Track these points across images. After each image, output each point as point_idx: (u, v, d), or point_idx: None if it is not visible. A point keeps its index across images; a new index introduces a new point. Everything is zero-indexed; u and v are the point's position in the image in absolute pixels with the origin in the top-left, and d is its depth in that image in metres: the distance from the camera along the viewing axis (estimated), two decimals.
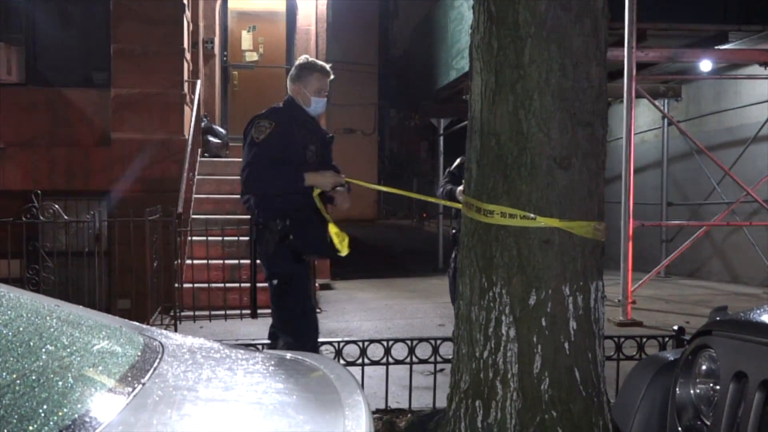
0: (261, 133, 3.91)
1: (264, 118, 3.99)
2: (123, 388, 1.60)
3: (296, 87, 4.15)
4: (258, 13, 11.21)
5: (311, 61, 4.24)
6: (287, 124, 3.99)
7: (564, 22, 3.26)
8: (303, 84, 4.13)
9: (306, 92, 4.14)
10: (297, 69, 4.19)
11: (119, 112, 9.06)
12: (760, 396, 1.87)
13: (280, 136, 3.92)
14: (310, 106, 4.15)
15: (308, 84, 4.13)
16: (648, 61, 8.40)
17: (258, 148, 3.90)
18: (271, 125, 3.91)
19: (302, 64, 4.21)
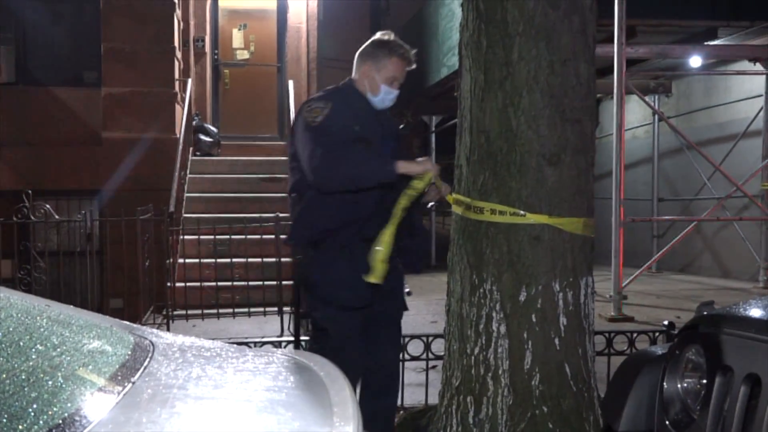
0: (317, 115, 3.17)
1: (317, 99, 3.31)
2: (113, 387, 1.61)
3: (366, 68, 3.37)
4: (249, 11, 11.19)
5: (393, 41, 3.40)
6: (342, 110, 3.25)
7: (552, 20, 3.28)
8: (376, 66, 3.35)
9: (377, 77, 3.35)
10: (373, 46, 3.40)
11: (110, 111, 9.05)
12: (745, 389, 1.89)
13: (337, 121, 3.19)
14: (377, 95, 3.37)
15: (383, 68, 3.35)
16: (638, 57, 8.44)
17: (317, 132, 3.13)
18: (327, 105, 3.18)
19: (380, 41, 3.40)
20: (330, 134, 3.09)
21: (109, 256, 7.17)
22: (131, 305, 7.27)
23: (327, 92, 3.39)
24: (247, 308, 7.42)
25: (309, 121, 3.17)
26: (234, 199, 9.11)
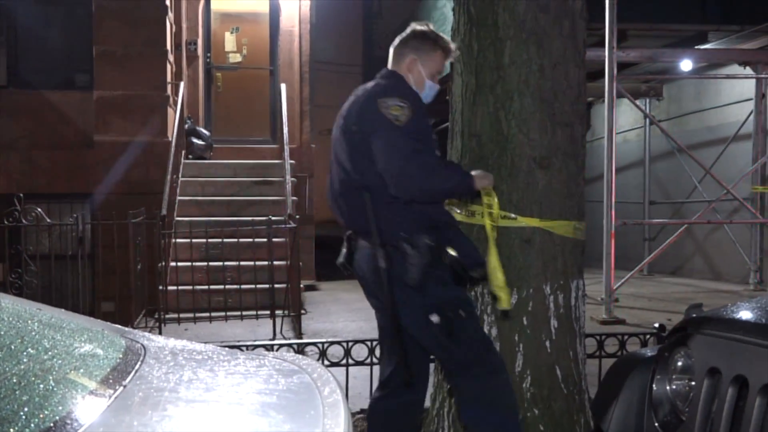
0: (399, 114, 2.81)
1: (391, 95, 2.87)
2: (104, 390, 1.62)
3: (410, 61, 3.05)
4: (241, 14, 11.19)
5: (436, 34, 3.10)
6: (418, 107, 2.90)
7: (543, 24, 3.30)
8: (421, 59, 3.05)
9: (422, 71, 3.05)
10: (417, 39, 3.08)
11: (102, 115, 9.03)
12: (733, 391, 1.91)
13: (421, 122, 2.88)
14: (422, 90, 3.05)
15: (428, 61, 3.06)
16: (629, 61, 8.49)
17: (407, 135, 2.79)
18: (405, 103, 2.84)
19: (424, 32, 3.09)
20: (420, 139, 2.83)
21: (101, 260, 7.15)
22: (123, 309, 7.24)
23: (392, 85, 2.99)
24: (239, 311, 7.41)
25: (392, 119, 2.81)
26: (226, 202, 9.10)
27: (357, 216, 2.88)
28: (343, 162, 2.93)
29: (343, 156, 2.92)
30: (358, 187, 2.85)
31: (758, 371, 1.85)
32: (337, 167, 2.97)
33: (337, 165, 2.97)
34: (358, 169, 2.86)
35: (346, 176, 2.91)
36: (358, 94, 3.03)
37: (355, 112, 2.93)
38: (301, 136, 10.65)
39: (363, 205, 2.83)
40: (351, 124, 2.91)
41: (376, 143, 2.81)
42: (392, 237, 2.79)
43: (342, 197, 2.96)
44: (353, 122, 2.90)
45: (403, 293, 2.78)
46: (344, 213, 2.98)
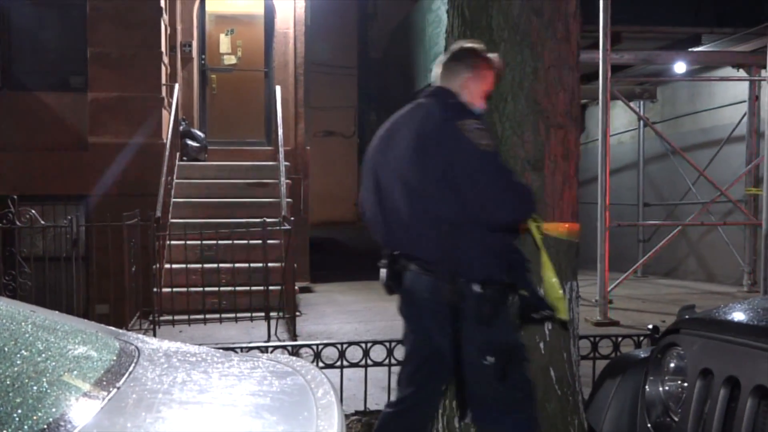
0: (485, 138, 2.72)
1: (467, 117, 2.79)
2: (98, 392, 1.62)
3: (466, 79, 2.91)
4: (236, 16, 11.19)
5: (488, 54, 3.01)
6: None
7: (536, 27, 3.31)
8: (478, 79, 2.93)
9: (478, 90, 2.93)
10: (473, 56, 2.95)
11: (96, 116, 9.02)
12: (725, 392, 1.92)
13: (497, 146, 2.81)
14: (474, 109, 2.92)
15: (482, 79, 2.94)
16: (623, 63, 8.52)
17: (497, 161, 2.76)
18: (483, 126, 2.78)
19: (480, 51, 2.98)
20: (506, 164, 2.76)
21: (96, 262, 7.15)
22: (117, 311, 7.23)
23: (460, 106, 2.86)
24: (233, 314, 7.40)
25: (482, 145, 2.68)
26: (221, 204, 9.09)
27: (426, 244, 2.74)
28: (415, 185, 2.76)
29: (417, 179, 2.75)
30: (435, 216, 2.70)
31: (750, 372, 1.86)
32: (403, 188, 2.80)
33: (403, 185, 2.80)
34: (438, 197, 2.71)
35: (419, 202, 2.75)
36: (421, 114, 2.86)
37: (434, 135, 2.74)
38: (296, 138, 10.64)
39: (437, 234, 2.68)
40: (430, 146, 2.73)
41: (467, 171, 2.67)
42: (469, 272, 2.66)
43: (411, 222, 2.78)
44: (432, 145, 2.73)
45: (468, 329, 2.68)
46: (405, 238, 2.82)
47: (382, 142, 2.98)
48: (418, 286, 2.80)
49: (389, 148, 2.92)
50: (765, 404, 1.80)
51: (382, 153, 2.95)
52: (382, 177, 2.91)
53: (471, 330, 2.67)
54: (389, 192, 2.86)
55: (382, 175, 2.91)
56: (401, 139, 2.86)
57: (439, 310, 2.72)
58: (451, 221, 2.68)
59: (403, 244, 2.84)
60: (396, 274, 2.89)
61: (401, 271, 2.86)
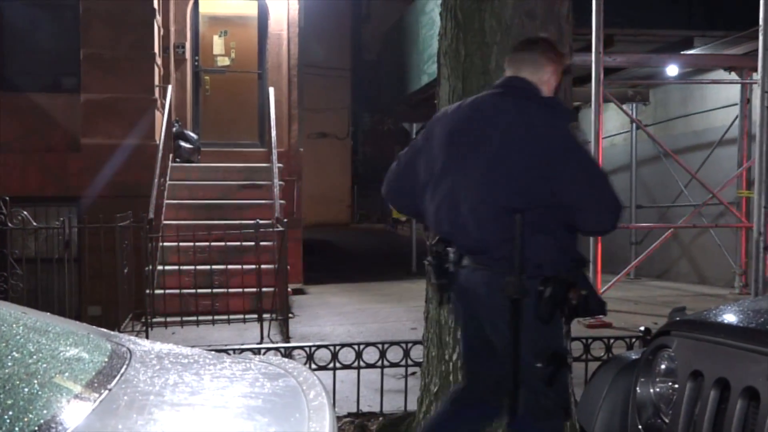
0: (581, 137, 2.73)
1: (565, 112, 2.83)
2: (89, 394, 1.62)
3: (549, 73, 2.82)
4: (229, 17, 11.18)
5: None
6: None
7: (529, 29, 3.32)
8: (556, 74, 2.86)
9: (553, 88, 2.86)
10: (553, 50, 2.87)
11: (89, 118, 8.99)
12: (715, 394, 1.93)
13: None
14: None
15: (558, 77, 2.89)
16: (616, 66, 8.54)
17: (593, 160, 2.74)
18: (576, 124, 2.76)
19: (553, 43, 2.96)
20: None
21: (88, 263, 7.13)
22: (110, 313, 7.21)
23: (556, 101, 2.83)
24: (226, 315, 7.40)
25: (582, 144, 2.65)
26: (214, 205, 9.09)
27: (499, 241, 2.61)
28: (498, 179, 2.65)
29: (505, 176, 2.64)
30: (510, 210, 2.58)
31: (739, 374, 1.87)
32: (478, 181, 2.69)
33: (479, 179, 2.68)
34: (519, 192, 2.62)
35: (502, 196, 2.62)
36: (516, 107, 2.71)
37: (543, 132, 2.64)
38: (290, 139, 10.64)
39: (512, 231, 2.56)
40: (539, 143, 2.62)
41: (573, 169, 2.61)
42: (537, 268, 2.57)
43: (486, 218, 2.65)
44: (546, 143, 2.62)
45: (526, 328, 2.58)
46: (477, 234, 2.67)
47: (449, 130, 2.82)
48: (474, 282, 2.71)
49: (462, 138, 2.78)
50: (754, 406, 1.81)
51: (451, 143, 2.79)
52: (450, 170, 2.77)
53: (529, 329, 2.57)
54: (455, 185, 2.74)
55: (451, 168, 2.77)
56: (482, 129, 2.73)
57: (496, 306, 2.63)
58: (527, 218, 2.57)
59: (469, 238, 2.70)
60: (445, 271, 2.80)
61: (453, 267, 2.78)
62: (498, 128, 2.68)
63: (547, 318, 2.55)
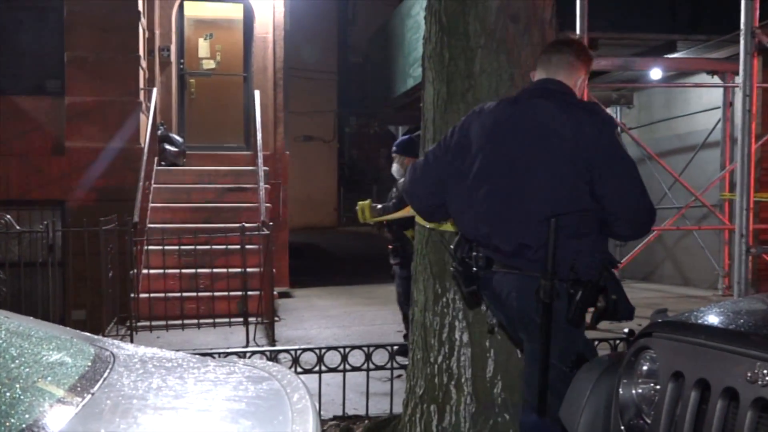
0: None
1: (600, 111, 2.79)
2: (72, 398, 1.61)
3: (582, 78, 2.87)
4: (215, 20, 11.16)
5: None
6: None
7: (513, 33, 3.34)
8: (586, 79, 2.92)
9: (583, 89, 2.91)
10: (587, 53, 2.94)
11: (73, 121, 8.95)
12: (696, 395, 1.95)
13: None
14: None
15: (586, 80, 2.95)
16: (600, 69, 8.59)
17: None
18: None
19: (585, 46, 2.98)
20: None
21: (72, 267, 7.08)
22: (94, 317, 7.18)
23: (599, 106, 2.88)
24: (212, 319, 7.38)
25: (621, 145, 2.66)
26: (200, 209, 9.06)
27: (538, 245, 2.59)
28: (543, 184, 2.64)
29: (550, 180, 2.63)
30: (550, 214, 2.56)
31: (720, 375, 1.89)
32: (519, 185, 2.68)
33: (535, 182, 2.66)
34: (572, 199, 2.61)
35: (546, 200, 2.60)
36: (557, 113, 2.68)
37: (589, 137, 2.62)
38: (275, 142, 10.63)
39: (545, 234, 2.55)
40: (584, 149, 2.61)
41: (617, 176, 2.63)
42: (569, 272, 2.56)
43: (529, 221, 2.63)
44: (591, 148, 2.61)
45: (556, 330, 2.58)
46: (518, 237, 2.65)
47: (489, 131, 2.78)
48: (507, 285, 2.71)
49: (503, 140, 2.74)
50: (734, 406, 1.83)
51: (492, 145, 2.76)
52: (490, 171, 2.74)
53: (559, 332, 2.58)
54: (496, 187, 2.71)
55: (491, 169, 2.74)
56: (526, 132, 2.70)
57: (528, 309, 2.63)
58: (565, 221, 2.57)
59: (510, 240, 2.67)
60: (473, 276, 2.79)
61: (482, 272, 2.77)
62: (543, 132, 2.67)
63: (578, 321, 2.57)
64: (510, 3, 3.32)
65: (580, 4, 7.35)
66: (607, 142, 2.63)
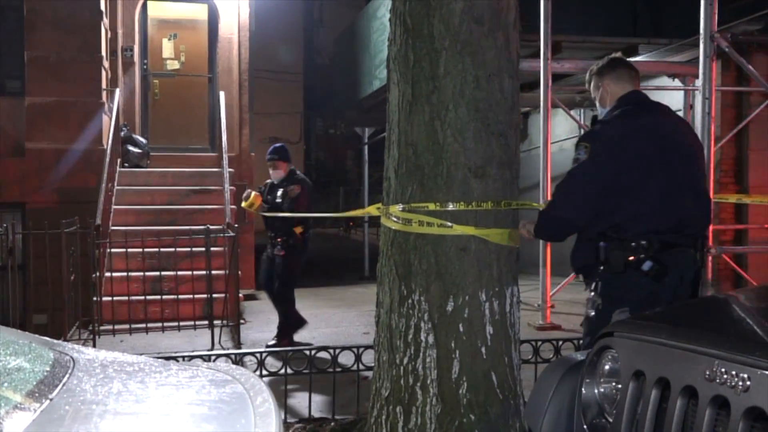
0: None
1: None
2: (30, 403, 1.58)
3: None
4: (179, 21, 11.05)
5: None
6: None
7: (477, 36, 3.36)
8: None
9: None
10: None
11: (34, 122, 8.79)
12: (656, 393, 1.98)
13: None
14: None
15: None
16: (564, 72, 8.67)
17: None
18: None
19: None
20: None
21: (33, 271, 6.95)
22: (56, 321, 7.05)
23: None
24: (176, 322, 7.30)
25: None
26: (164, 211, 8.96)
27: (707, 223, 3.49)
28: (700, 175, 3.46)
29: (701, 170, 3.48)
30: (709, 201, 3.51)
31: (679, 373, 1.92)
32: (689, 179, 3.33)
33: (689, 177, 3.33)
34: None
35: (705, 187, 3.57)
36: (673, 123, 3.51)
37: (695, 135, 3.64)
38: (241, 144, 10.56)
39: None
40: (700, 145, 3.57)
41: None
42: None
43: (705, 205, 3.41)
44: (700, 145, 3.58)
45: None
46: (705, 220, 3.43)
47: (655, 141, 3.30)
48: (684, 260, 3.23)
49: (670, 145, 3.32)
50: (693, 404, 1.86)
51: (669, 150, 3.31)
52: (665, 171, 3.25)
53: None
54: (675, 182, 3.25)
55: (665, 169, 3.25)
56: (681, 137, 3.39)
57: (692, 277, 3.28)
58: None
59: (699, 223, 3.35)
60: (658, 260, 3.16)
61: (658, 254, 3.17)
62: (686, 136, 3.43)
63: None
64: (474, 5, 3.34)
65: (543, 8, 7.42)
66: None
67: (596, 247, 3.26)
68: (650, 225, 3.19)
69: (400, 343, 3.46)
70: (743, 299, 2.63)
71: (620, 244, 3.19)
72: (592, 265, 3.31)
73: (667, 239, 3.19)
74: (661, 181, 3.21)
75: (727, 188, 8.98)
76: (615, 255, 3.19)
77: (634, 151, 3.23)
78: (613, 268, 3.19)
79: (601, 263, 3.24)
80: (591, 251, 3.30)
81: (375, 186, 12.35)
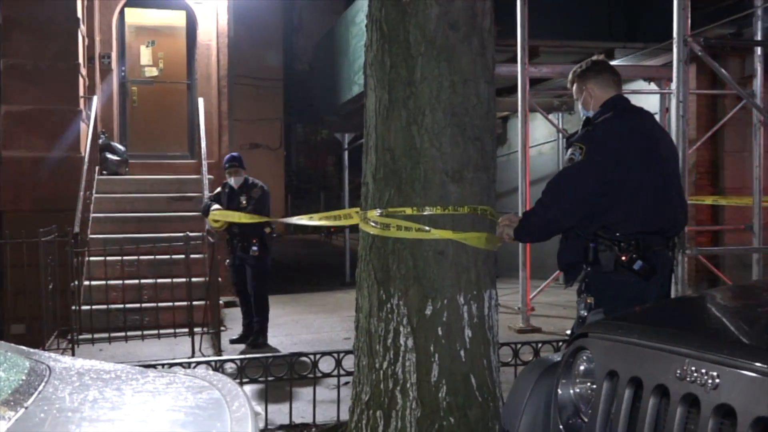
0: None
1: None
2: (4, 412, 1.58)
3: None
4: (157, 27, 11.00)
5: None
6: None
7: (453, 41, 3.39)
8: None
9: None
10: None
11: (11, 130, 8.72)
12: (629, 392, 2.01)
13: None
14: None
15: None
16: (541, 76, 8.75)
17: None
18: None
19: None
20: None
21: (11, 280, 6.90)
22: (34, 330, 6.99)
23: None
24: (156, 330, 7.26)
25: None
26: (143, 219, 8.91)
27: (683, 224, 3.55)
28: (677, 176, 3.50)
29: (677, 171, 3.52)
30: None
31: (651, 372, 1.95)
32: (674, 181, 3.43)
33: (673, 179, 3.44)
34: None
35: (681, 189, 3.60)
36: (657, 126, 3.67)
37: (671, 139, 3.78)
38: (220, 150, 10.52)
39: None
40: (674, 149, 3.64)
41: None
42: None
43: (683, 206, 3.50)
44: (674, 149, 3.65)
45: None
46: (684, 220, 3.50)
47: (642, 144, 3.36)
48: (667, 259, 3.34)
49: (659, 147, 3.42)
50: (666, 403, 1.89)
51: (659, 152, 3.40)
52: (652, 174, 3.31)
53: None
54: (659, 184, 3.32)
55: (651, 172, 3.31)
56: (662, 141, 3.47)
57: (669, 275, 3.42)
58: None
59: (679, 224, 3.45)
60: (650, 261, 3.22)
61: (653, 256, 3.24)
62: (665, 140, 3.53)
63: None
64: (449, 11, 3.37)
65: (520, 13, 7.48)
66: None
67: (585, 246, 3.27)
68: (641, 225, 3.25)
69: (379, 348, 3.48)
70: (719, 299, 2.67)
71: (611, 244, 3.23)
72: (578, 263, 3.34)
73: (651, 240, 3.25)
74: (653, 182, 3.28)
75: (703, 190, 9.09)
76: (606, 255, 3.23)
77: (628, 152, 3.27)
78: (604, 267, 3.21)
79: (589, 263, 3.26)
80: (579, 249, 3.31)
81: (355, 191, 12.35)
